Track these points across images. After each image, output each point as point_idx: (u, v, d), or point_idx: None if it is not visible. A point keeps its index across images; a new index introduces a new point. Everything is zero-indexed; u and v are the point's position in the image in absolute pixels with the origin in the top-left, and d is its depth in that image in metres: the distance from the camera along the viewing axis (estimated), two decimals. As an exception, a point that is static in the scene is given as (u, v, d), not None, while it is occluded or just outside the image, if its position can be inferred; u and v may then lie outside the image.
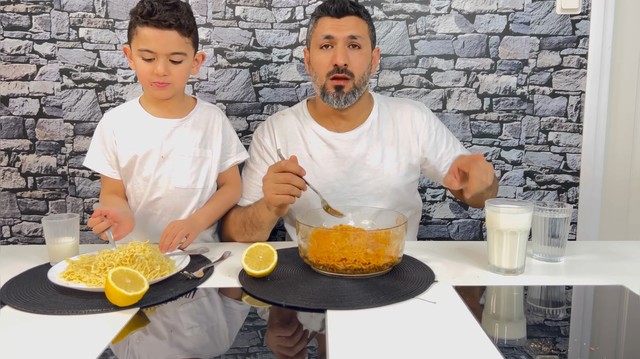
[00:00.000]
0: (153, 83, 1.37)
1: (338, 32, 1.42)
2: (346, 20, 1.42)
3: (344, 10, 1.42)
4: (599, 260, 1.25)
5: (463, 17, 1.99)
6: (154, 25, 1.32)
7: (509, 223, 1.12)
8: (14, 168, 2.06)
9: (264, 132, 1.57)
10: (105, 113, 1.49)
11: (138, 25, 1.33)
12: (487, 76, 2.02)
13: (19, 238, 2.10)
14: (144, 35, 1.33)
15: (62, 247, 1.22)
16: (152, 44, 1.33)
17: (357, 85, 1.44)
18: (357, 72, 1.43)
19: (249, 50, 2.01)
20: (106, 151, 1.46)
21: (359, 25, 1.43)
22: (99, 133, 1.48)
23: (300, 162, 1.49)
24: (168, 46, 1.34)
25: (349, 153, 1.50)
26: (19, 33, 1.98)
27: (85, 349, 0.83)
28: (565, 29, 1.99)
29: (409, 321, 0.92)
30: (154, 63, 1.34)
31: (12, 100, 2.02)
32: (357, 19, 1.43)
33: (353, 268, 1.09)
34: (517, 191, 2.08)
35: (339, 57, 1.40)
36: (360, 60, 1.43)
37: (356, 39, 1.42)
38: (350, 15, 1.42)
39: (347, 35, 1.41)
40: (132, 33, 1.36)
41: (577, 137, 2.05)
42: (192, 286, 1.08)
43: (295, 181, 1.22)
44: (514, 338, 0.89)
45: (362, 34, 1.43)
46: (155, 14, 1.31)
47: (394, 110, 1.56)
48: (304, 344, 0.87)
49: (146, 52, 1.33)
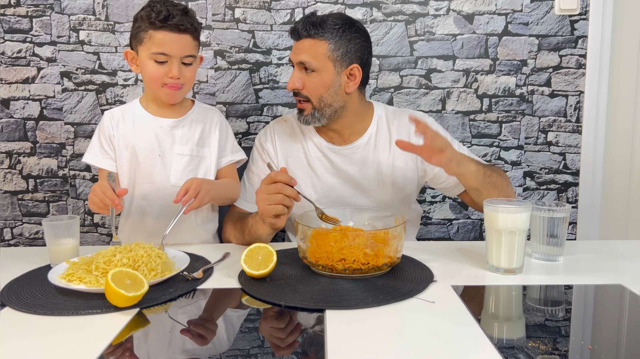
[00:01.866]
0: (165, 85, 1.40)
1: (294, 55, 1.41)
2: (301, 43, 1.40)
3: (298, 33, 1.40)
4: (598, 259, 1.25)
5: (462, 18, 1.99)
6: (170, 30, 1.36)
7: (508, 223, 1.12)
8: (15, 170, 2.06)
9: (266, 136, 1.58)
10: (105, 112, 1.51)
11: (152, 29, 1.36)
12: (486, 77, 2.02)
13: (20, 240, 2.11)
14: (160, 39, 1.36)
15: (62, 249, 1.22)
16: (168, 47, 1.36)
17: (317, 107, 1.42)
18: (313, 96, 1.41)
19: (248, 52, 2.01)
20: (106, 146, 1.48)
21: (314, 48, 1.38)
22: (99, 130, 1.50)
23: (299, 170, 1.50)
24: (183, 49, 1.38)
25: (344, 166, 1.50)
26: (19, 36, 1.99)
27: (85, 350, 0.83)
28: (564, 29, 1.99)
29: (408, 321, 0.92)
30: (167, 66, 1.38)
31: (13, 103, 2.03)
32: (313, 41, 1.38)
33: (352, 268, 1.10)
34: (517, 192, 2.09)
35: (290, 81, 1.42)
36: (314, 84, 1.40)
37: (305, 64, 1.39)
38: (305, 38, 1.39)
39: (298, 60, 1.40)
40: (142, 37, 1.37)
41: (576, 137, 2.05)
42: (191, 287, 1.08)
43: (286, 191, 1.23)
44: (513, 338, 0.89)
45: (315, 59, 1.38)
46: (173, 19, 1.35)
47: (392, 121, 1.53)
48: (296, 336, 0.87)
49: (160, 55, 1.36)
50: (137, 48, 1.41)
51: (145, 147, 1.45)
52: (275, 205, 1.24)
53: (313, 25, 1.37)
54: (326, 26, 1.38)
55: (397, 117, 1.53)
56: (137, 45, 1.40)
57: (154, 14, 1.35)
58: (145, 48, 1.38)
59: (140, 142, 1.46)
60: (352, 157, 1.50)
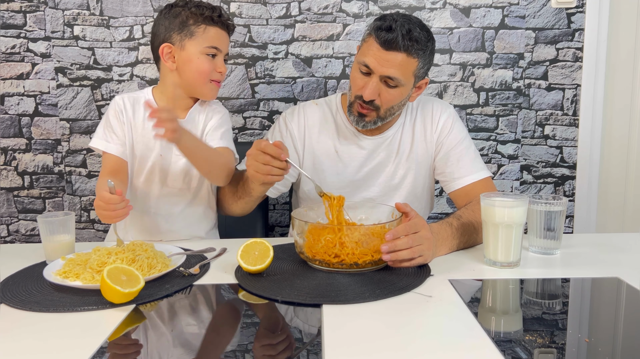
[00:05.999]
0: (212, 80, 1.41)
1: (378, 66, 1.32)
2: (392, 55, 1.31)
3: (393, 45, 1.30)
4: (595, 252, 1.25)
5: (458, 12, 1.99)
6: (222, 27, 1.40)
7: (505, 216, 1.12)
8: (10, 167, 2.05)
9: (293, 115, 1.54)
10: (117, 97, 1.44)
11: (206, 24, 1.37)
12: (483, 70, 2.02)
13: (17, 237, 2.10)
14: (215, 33, 1.39)
15: (57, 245, 1.21)
16: (221, 42, 1.40)
17: (381, 116, 1.40)
18: (384, 106, 1.38)
19: (244, 47, 2.00)
20: (118, 130, 1.42)
21: (404, 64, 1.32)
22: (108, 114, 1.43)
23: (325, 157, 1.48)
24: (228, 46, 1.44)
25: (372, 157, 1.50)
26: (13, 31, 1.98)
27: (81, 346, 0.83)
28: (560, 22, 1.99)
29: (405, 315, 0.92)
30: (215, 61, 1.40)
31: (7, 99, 2.02)
32: (405, 57, 1.31)
33: (349, 263, 1.10)
34: (514, 185, 2.09)
35: (367, 91, 1.34)
36: (391, 97, 1.37)
37: (393, 80, 1.33)
38: (398, 52, 1.31)
39: (384, 73, 1.32)
40: (194, 31, 1.37)
41: (573, 130, 2.05)
42: (188, 283, 1.08)
43: (274, 163, 1.21)
44: (510, 331, 0.89)
45: (402, 76, 1.33)
46: (222, 16, 1.39)
47: (416, 110, 1.52)
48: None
49: (214, 49, 1.39)
50: (183, 42, 1.37)
51: (148, 144, 1.42)
52: (262, 175, 1.23)
53: (412, 40, 1.30)
54: (420, 42, 1.32)
55: (422, 105, 1.53)
56: (185, 39, 1.37)
57: (206, 10, 1.37)
58: (199, 42, 1.37)
59: (146, 138, 1.41)
60: (377, 149, 1.50)
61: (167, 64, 1.40)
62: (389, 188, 1.52)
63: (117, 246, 1.19)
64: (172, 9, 1.40)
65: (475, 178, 1.45)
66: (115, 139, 1.42)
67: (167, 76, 1.42)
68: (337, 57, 2.02)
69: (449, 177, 1.48)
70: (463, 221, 1.28)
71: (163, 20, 1.40)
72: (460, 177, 1.45)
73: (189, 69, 1.39)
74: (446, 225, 1.25)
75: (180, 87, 1.43)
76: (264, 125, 2.05)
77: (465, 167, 1.46)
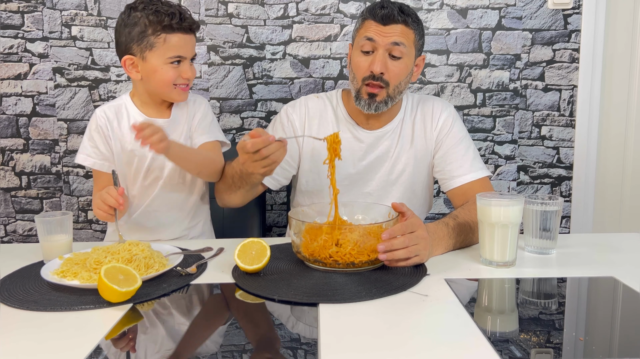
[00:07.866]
0: (177, 86, 1.37)
1: (380, 38, 1.37)
2: (391, 28, 1.38)
3: (391, 18, 1.37)
4: (591, 252, 1.26)
5: (455, 13, 1.99)
6: (184, 32, 1.34)
7: (500, 216, 1.12)
8: (7, 167, 2.05)
9: (294, 107, 1.55)
10: (97, 109, 1.45)
11: (165, 32, 1.31)
12: (479, 71, 2.03)
13: (14, 237, 2.10)
14: (176, 42, 1.33)
15: (55, 245, 1.21)
16: (183, 49, 1.35)
17: (390, 94, 1.42)
18: (392, 82, 1.40)
19: (242, 47, 2.01)
20: (101, 145, 1.43)
21: (404, 34, 1.39)
22: (91, 129, 1.45)
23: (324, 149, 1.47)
24: (193, 49, 1.38)
25: (371, 151, 1.50)
26: (11, 32, 1.98)
27: (78, 345, 0.83)
28: (557, 24, 2.00)
29: (401, 315, 0.92)
30: (179, 67, 1.36)
31: (5, 99, 2.02)
32: (403, 27, 1.38)
33: (345, 262, 1.10)
34: (511, 186, 2.09)
35: (377, 64, 1.38)
36: (398, 70, 1.40)
37: (399, 45, 1.37)
38: (397, 24, 1.38)
39: (389, 42, 1.37)
40: (154, 42, 1.32)
41: (570, 131, 2.06)
42: (185, 282, 1.08)
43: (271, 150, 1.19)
44: (506, 331, 0.90)
45: (405, 42, 1.38)
46: (184, 20, 1.32)
47: (416, 107, 1.54)
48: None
49: (177, 58, 1.34)
50: (144, 54, 1.34)
51: (139, 148, 1.42)
52: (269, 166, 1.22)
53: (405, 13, 1.39)
54: (413, 16, 1.41)
55: (422, 103, 1.55)
56: (145, 50, 1.33)
57: (165, 17, 1.30)
58: (160, 53, 1.33)
59: (136, 143, 1.42)
60: (379, 142, 1.51)
61: (131, 75, 1.38)
62: (386, 183, 1.52)
63: (119, 243, 1.20)
64: (131, 14, 1.34)
65: (474, 177, 1.45)
66: (99, 155, 1.43)
67: (137, 84, 1.42)
68: (334, 58, 2.02)
69: (447, 175, 1.48)
70: (459, 221, 1.28)
71: (123, 28, 1.35)
72: (459, 176, 1.46)
73: (153, 80, 1.36)
74: (442, 225, 1.25)
75: (150, 94, 1.42)
76: (261, 126, 2.05)
77: (463, 165, 1.47)
